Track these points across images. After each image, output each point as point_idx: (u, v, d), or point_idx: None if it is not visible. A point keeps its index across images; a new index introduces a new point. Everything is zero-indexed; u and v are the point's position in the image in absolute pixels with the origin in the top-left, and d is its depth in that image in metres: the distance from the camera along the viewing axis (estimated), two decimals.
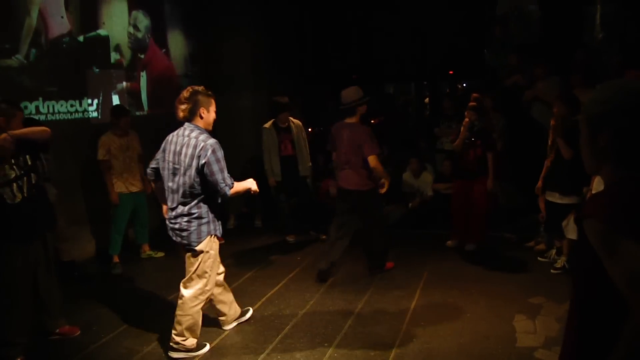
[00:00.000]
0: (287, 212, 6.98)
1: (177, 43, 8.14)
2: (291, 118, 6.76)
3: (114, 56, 6.98)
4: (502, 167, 7.01)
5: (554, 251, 5.82)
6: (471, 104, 6.24)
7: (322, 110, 10.60)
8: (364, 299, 5.03)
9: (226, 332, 4.45)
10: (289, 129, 6.73)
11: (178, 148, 3.84)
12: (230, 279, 5.57)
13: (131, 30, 7.26)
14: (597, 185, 4.40)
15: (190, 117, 3.86)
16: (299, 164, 6.75)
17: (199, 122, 3.88)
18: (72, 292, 5.23)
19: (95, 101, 6.65)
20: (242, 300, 5.04)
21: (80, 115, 6.44)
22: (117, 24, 7.01)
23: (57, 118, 6.13)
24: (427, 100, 12.27)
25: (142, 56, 7.46)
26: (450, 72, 10.57)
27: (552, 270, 5.49)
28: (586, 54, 6.96)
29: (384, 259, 5.76)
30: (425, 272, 5.68)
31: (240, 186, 3.97)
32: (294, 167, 6.73)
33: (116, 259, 6.09)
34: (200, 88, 3.90)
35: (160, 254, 6.53)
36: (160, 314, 4.84)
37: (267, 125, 6.76)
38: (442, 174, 7.73)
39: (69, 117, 6.30)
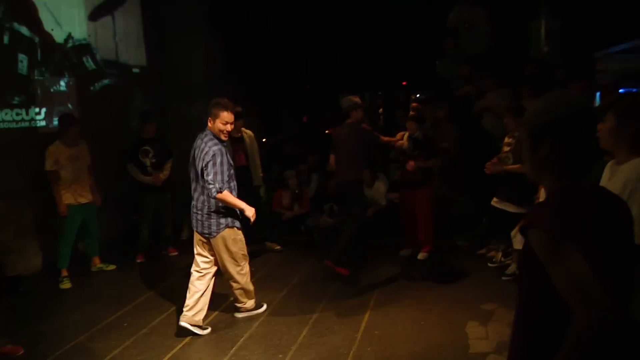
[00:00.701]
0: (242, 223, 6.91)
1: (132, 51, 7.99)
2: (243, 129, 6.73)
3: (65, 63, 6.80)
4: (454, 176, 7.15)
5: (500, 254, 5.93)
6: (410, 114, 6.36)
7: (278, 119, 10.59)
8: (319, 308, 5.02)
9: (179, 346, 4.36)
10: (241, 139, 6.69)
11: (196, 150, 4.48)
12: (183, 291, 5.46)
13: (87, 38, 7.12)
14: (544, 194, 4.51)
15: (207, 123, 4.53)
16: (252, 174, 6.72)
17: (210, 129, 4.48)
18: (17, 309, 5.06)
19: (44, 110, 6.45)
20: None
21: (27, 124, 6.24)
22: (70, 31, 6.84)
23: (2, 127, 5.92)
24: (381, 110, 12.39)
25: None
26: (404, 83, 10.71)
27: (503, 277, 5.60)
28: (536, 67, 7.17)
29: (344, 258, 5.82)
30: (380, 281, 5.72)
31: (233, 199, 4.44)
32: (248, 177, 6.69)
33: (65, 273, 5.88)
34: (220, 100, 4.49)
35: (112, 267, 6.37)
36: (110, 329, 4.71)
37: None
38: (395, 183, 7.81)
39: (15, 126, 6.09)
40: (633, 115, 2.44)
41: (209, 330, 4.62)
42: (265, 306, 5.02)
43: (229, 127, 4.50)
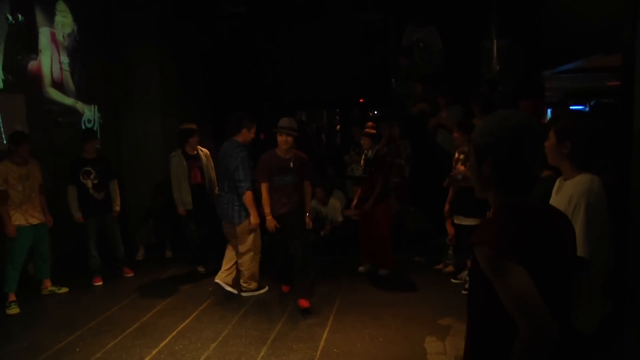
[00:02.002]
0: (198, 242, 6.85)
1: (85, 67, 7.83)
2: (199, 147, 6.69)
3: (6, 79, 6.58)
4: (409, 192, 7.25)
5: (465, 272, 6.02)
6: (366, 130, 6.42)
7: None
8: (277, 327, 4.98)
9: None
10: (197, 157, 6.65)
11: (225, 155, 5.63)
12: (138, 313, 5.41)
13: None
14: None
15: (233, 133, 5.69)
16: (208, 191, 6.68)
17: (239, 138, 5.65)
18: None
19: None
20: (152, 335, 4.88)
21: None
22: (14, 44, 6.64)
23: None
24: (338, 127, 12.49)
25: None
26: (361, 100, 10.83)
27: (463, 292, 5.66)
28: (489, 87, 7.38)
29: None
30: (338, 298, 5.73)
31: (253, 208, 5.54)
32: (204, 195, 6.65)
33: (12, 297, 5.65)
34: (248, 115, 5.80)
35: (64, 290, 6.17)
36: (60, 355, 4.54)
37: (175, 153, 6.64)
38: (352, 200, 7.86)
39: None
40: (568, 133, 2.52)
41: (236, 292, 5.87)
42: (267, 288, 5.99)
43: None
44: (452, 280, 6.12)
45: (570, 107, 7.66)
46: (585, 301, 2.44)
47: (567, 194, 2.48)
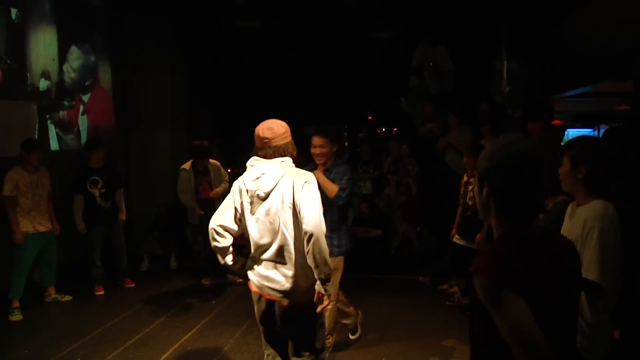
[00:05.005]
0: (203, 254, 6.84)
1: (95, 75, 7.91)
2: (210, 159, 6.69)
3: (35, 87, 6.67)
4: (416, 211, 7.23)
5: (458, 294, 5.97)
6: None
7: (241, 150, 10.56)
8: None
9: None
10: (206, 170, 6.65)
11: None
12: (141, 324, 5.40)
13: (66, 65, 7.07)
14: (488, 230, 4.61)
15: None
16: (216, 205, 6.65)
17: None
18: None
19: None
20: (154, 347, 4.85)
21: None
22: (43, 55, 6.74)
23: None
24: (346, 143, 12.52)
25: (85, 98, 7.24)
26: (369, 118, 10.87)
27: (467, 313, 5.59)
28: (490, 105, 7.37)
29: None
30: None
31: None
32: (212, 208, 6.61)
33: (16, 304, 5.64)
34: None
35: (68, 298, 6.17)
36: None
37: (185, 166, 6.64)
38: (359, 217, 7.84)
39: None
40: (583, 158, 2.50)
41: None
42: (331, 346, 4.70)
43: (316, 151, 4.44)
44: (446, 302, 6.04)
45: (566, 130, 7.56)
46: (593, 328, 2.42)
47: (581, 219, 2.46)
